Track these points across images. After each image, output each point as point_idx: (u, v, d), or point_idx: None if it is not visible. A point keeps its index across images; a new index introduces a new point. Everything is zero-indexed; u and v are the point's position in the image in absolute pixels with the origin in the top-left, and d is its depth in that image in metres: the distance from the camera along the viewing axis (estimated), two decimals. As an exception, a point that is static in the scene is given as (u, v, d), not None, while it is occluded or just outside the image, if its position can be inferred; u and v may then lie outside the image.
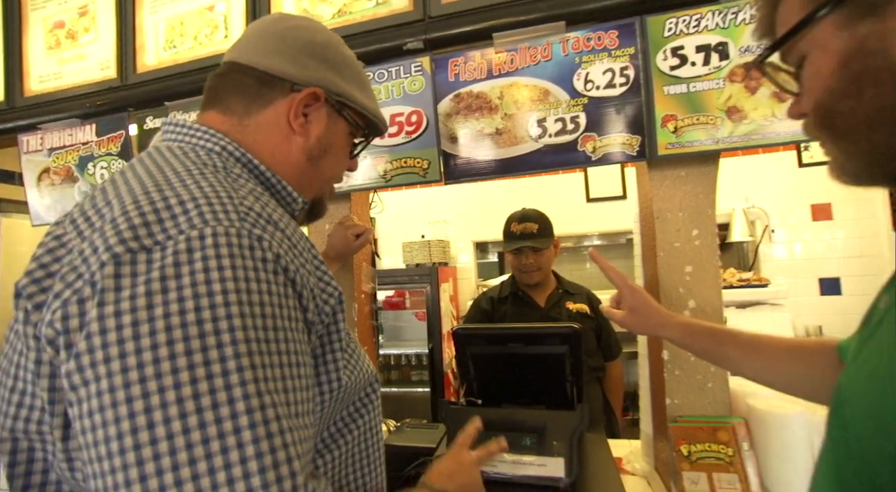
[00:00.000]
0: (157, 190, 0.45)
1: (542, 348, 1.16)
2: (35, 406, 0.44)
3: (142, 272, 0.40)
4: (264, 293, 0.42)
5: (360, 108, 0.65)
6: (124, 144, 1.49)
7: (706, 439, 1.05)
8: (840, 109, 0.41)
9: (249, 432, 0.38)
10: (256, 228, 0.45)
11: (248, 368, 0.39)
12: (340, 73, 0.63)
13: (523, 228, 1.77)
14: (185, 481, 0.36)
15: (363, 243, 1.18)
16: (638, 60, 1.05)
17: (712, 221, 1.13)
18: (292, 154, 0.60)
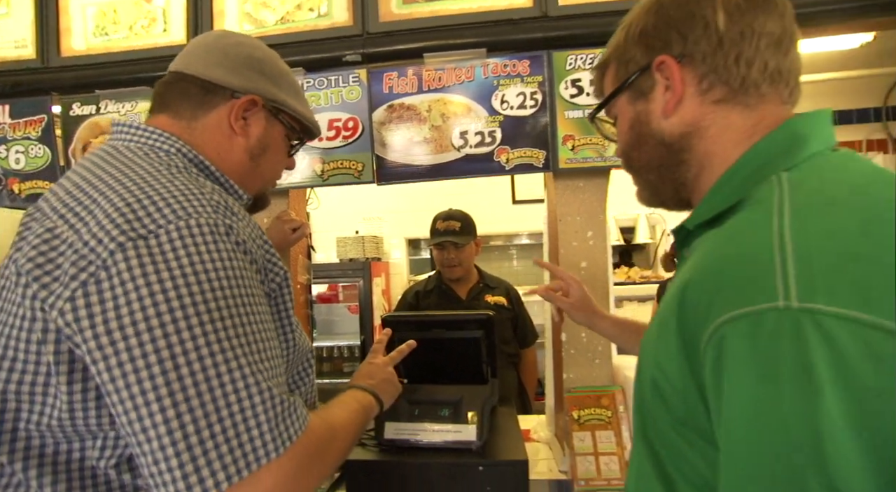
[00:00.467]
0: (139, 188, 0.54)
1: (461, 333, 1.32)
2: (28, 370, 0.52)
3: (145, 255, 0.49)
4: (238, 269, 0.53)
5: (295, 113, 0.75)
6: (45, 128, 1.45)
7: (592, 404, 1.27)
8: (631, 156, 0.58)
9: (245, 359, 0.50)
10: (227, 218, 0.55)
11: (240, 325, 0.51)
12: (276, 83, 0.73)
13: (447, 225, 1.94)
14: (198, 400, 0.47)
15: (299, 237, 1.27)
16: (545, 87, 1.24)
17: (604, 224, 1.35)
18: (235, 153, 0.70)
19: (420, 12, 1.26)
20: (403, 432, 1.19)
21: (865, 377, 0.32)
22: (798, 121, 0.48)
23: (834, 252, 0.36)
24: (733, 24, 0.48)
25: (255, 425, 0.49)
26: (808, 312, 0.33)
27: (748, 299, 0.36)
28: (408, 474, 1.12)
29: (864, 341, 0.32)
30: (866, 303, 0.33)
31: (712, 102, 0.50)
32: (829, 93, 2.86)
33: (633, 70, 0.54)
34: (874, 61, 2.55)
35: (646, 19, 0.53)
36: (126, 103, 1.39)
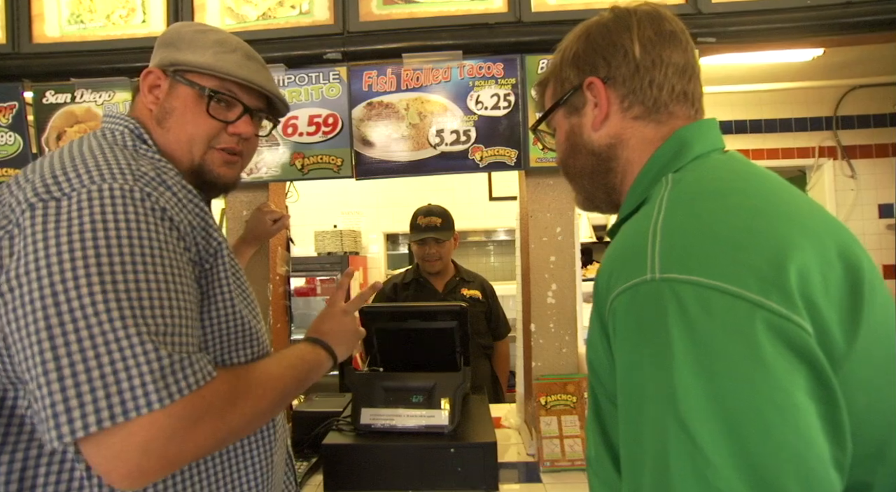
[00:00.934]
0: (70, 159, 0.59)
1: (436, 324, 1.37)
2: None
3: (51, 215, 0.53)
4: (146, 231, 0.55)
5: (199, 67, 0.71)
6: (17, 115, 1.43)
7: (558, 391, 1.34)
8: (567, 163, 0.65)
9: (129, 312, 0.51)
10: (148, 187, 0.58)
11: (133, 281, 0.52)
12: (178, 47, 0.73)
13: (428, 221, 1.99)
14: (68, 337, 0.49)
15: (279, 228, 1.31)
16: (518, 89, 1.31)
17: (572, 220, 1.43)
18: (152, 126, 0.72)
19: (399, 13, 1.30)
20: (379, 417, 1.24)
21: (704, 329, 0.40)
22: (685, 130, 0.57)
23: (688, 234, 0.45)
24: (646, 54, 0.57)
25: (128, 378, 0.49)
26: (666, 281, 0.42)
27: (630, 275, 0.45)
28: (383, 457, 1.17)
29: (703, 299, 0.40)
30: (707, 271, 0.41)
31: (632, 118, 0.59)
32: (785, 101, 3.03)
33: (567, 88, 0.62)
34: (825, 74, 2.72)
35: (577, 45, 0.61)
36: (103, 93, 1.39)
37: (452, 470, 1.16)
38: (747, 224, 0.44)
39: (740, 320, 0.39)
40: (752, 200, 0.47)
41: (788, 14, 1.30)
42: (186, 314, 0.57)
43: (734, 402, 0.38)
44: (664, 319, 0.41)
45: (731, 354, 0.39)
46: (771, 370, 0.38)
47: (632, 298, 0.44)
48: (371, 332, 1.41)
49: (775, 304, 0.39)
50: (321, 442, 1.20)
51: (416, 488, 1.16)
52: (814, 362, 0.39)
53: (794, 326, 0.39)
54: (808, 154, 3.06)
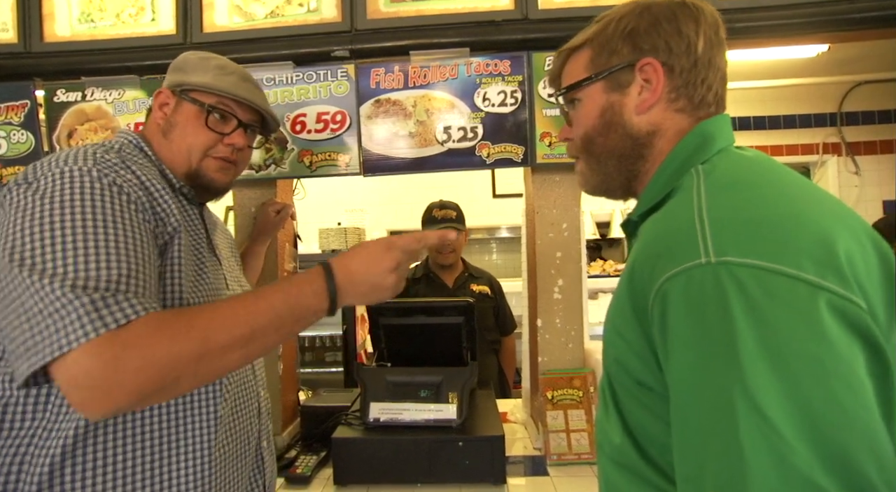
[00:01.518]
0: (58, 156, 0.67)
1: (443, 319, 1.39)
2: None
3: (22, 191, 0.63)
4: (97, 198, 0.62)
5: (201, 87, 0.82)
6: (28, 114, 1.44)
7: (565, 385, 1.36)
8: (595, 141, 0.62)
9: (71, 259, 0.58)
10: (106, 169, 0.66)
11: (80, 234, 0.59)
12: (185, 71, 0.84)
13: (444, 213, 2.04)
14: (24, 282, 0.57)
15: (283, 218, 1.31)
16: (525, 86, 1.31)
17: (578, 216, 1.44)
18: (157, 136, 0.83)
19: (407, 11, 1.31)
20: (387, 411, 1.25)
21: (767, 310, 0.40)
22: (707, 124, 0.58)
23: (738, 219, 0.45)
24: (706, 52, 0.57)
25: (61, 319, 0.55)
26: (723, 264, 0.42)
27: (680, 260, 0.45)
28: (392, 450, 1.18)
29: (763, 282, 0.41)
30: (763, 254, 0.42)
31: (675, 110, 0.58)
32: (789, 98, 3.03)
33: (615, 62, 0.59)
34: (829, 70, 2.72)
35: (637, 20, 0.58)
36: (113, 91, 1.40)
37: (461, 463, 1.18)
38: (791, 211, 0.45)
39: (802, 301, 0.40)
40: (788, 188, 0.49)
41: (794, 10, 1.30)
42: (136, 260, 0.62)
43: (805, 381, 0.39)
44: (725, 301, 0.41)
45: (797, 335, 0.39)
46: (837, 349, 0.39)
47: (687, 281, 0.44)
48: (379, 327, 1.42)
49: (833, 284, 0.41)
50: (330, 436, 1.21)
51: (425, 480, 1.18)
52: (872, 340, 0.40)
53: (852, 306, 0.40)
54: (812, 151, 3.06)
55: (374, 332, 1.44)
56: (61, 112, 1.42)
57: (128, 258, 0.61)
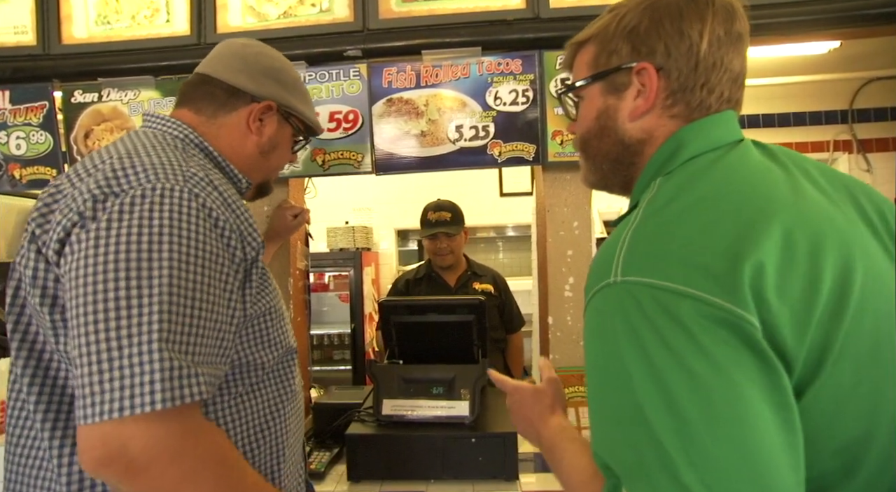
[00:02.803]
0: (129, 157, 0.64)
1: (454, 317, 1.40)
2: (30, 302, 0.63)
3: (108, 208, 0.58)
4: (192, 232, 0.59)
5: (303, 117, 0.87)
6: (47, 115, 1.46)
7: (576, 383, 1.36)
8: (590, 143, 0.62)
9: (158, 315, 0.55)
10: (196, 188, 0.62)
11: (168, 276, 0.56)
12: (289, 91, 0.84)
13: (438, 216, 2.02)
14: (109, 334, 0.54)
15: (300, 222, 1.33)
16: (536, 85, 1.32)
17: (589, 215, 1.44)
18: (247, 148, 0.80)
19: (419, 10, 1.32)
20: (400, 408, 1.26)
21: (659, 325, 0.43)
22: (684, 131, 0.55)
23: (650, 241, 0.47)
24: (711, 54, 0.53)
25: (131, 376, 0.52)
26: (623, 283, 0.46)
27: (599, 279, 0.48)
28: (405, 446, 1.19)
29: (656, 298, 0.43)
30: (661, 274, 0.44)
31: (669, 116, 0.55)
32: (799, 95, 3.00)
33: (614, 63, 0.56)
34: (841, 66, 2.70)
35: (639, 19, 0.55)
36: (129, 92, 1.42)
37: (473, 460, 1.19)
38: (705, 225, 0.46)
39: (688, 317, 0.42)
40: (722, 201, 0.47)
41: (807, 7, 1.30)
42: (214, 324, 0.59)
43: (679, 391, 0.41)
44: (622, 316, 0.45)
45: (681, 349, 0.42)
46: (713, 360, 0.41)
47: (597, 298, 0.48)
48: (390, 325, 1.43)
49: (720, 299, 0.42)
50: (343, 432, 1.22)
51: (438, 477, 1.19)
52: (759, 351, 0.41)
53: (738, 320, 0.41)
54: (823, 148, 3.03)
55: (386, 330, 1.45)
56: (78, 113, 1.44)
57: (211, 315, 0.59)
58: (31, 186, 1.47)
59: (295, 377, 0.78)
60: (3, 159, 1.47)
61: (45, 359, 0.63)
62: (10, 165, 1.47)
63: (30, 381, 0.62)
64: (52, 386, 0.62)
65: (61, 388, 0.62)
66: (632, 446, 0.43)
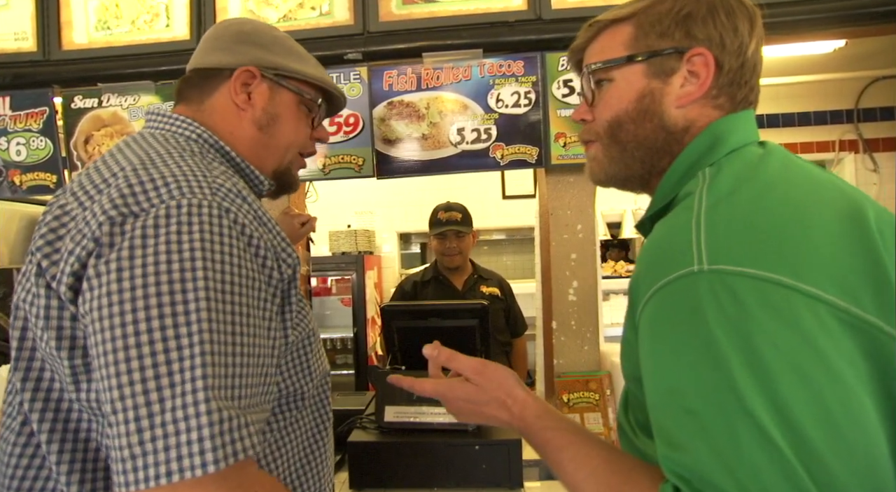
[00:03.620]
0: (144, 168, 0.55)
1: (457, 322, 1.38)
2: (39, 346, 0.55)
3: (128, 232, 0.50)
4: (226, 254, 0.52)
5: (297, 74, 0.72)
6: (47, 121, 1.46)
7: (581, 388, 1.34)
8: (623, 128, 0.57)
9: (200, 358, 0.48)
10: (225, 201, 0.54)
11: (206, 310, 0.49)
12: (269, 49, 0.71)
13: (449, 215, 2.03)
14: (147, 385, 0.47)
15: (308, 230, 1.31)
16: (539, 87, 1.30)
17: (592, 218, 1.42)
18: (245, 128, 0.69)
19: (419, 13, 1.31)
20: (403, 415, 1.25)
21: (761, 320, 0.39)
22: (719, 124, 0.54)
23: (735, 227, 0.44)
24: (753, 55, 0.55)
25: (187, 435, 0.46)
26: (716, 273, 0.42)
27: (674, 267, 0.44)
28: (408, 454, 1.18)
29: (758, 290, 0.40)
30: (758, 262, 0.41)
31: (713, 107, 0.55)
32: (805, 94, 2.98)
33: (665, 46, 0.54)
34: (846, 66, 2.67)
35: (696, 6, 0.54)
36: (129, 97, 1.41)
37: (477, 467, 1.17)
38: (793, 217, 0.44)
39: (798, 313, 0.39)
40: (793, 192, 0.46)
41: (812, 6, 1.28)
42: (256, 360, 0.53)
43: (788, 390, 0.38)
44: (718, 309, 0.41)
45: (788, 347, 0.39)
46: (828, 360, 0.38)
47: (675, 289, 0.43)
48: (392, 331, 1.42)
49: (831, 296, 0.40)
50: (345, 439, 1.21)
51: (441, 484, 1.17)
52: (873, 350, 0.39)
53: (852, 318, 0.40)
54: (829, 148, 3.00)
55: (388, 335, 1.43)
56: (78, 118, 1.44)
57: (254, 351, 0.52)
58: (31, 192, 1.47)
59: (330, 403, 0.73)
60: (4, 165, 1.46)
61: (64, 409, 0.55)
62: (10, 171, 1.46)
63: (48, 437, 0.54)
64: (74, 440, 0.55)
65: (84, 441, 0.55)
66: (743, 463, 0.38)
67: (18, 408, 0.57)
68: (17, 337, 0.57)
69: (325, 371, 0.71)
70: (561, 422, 0.56)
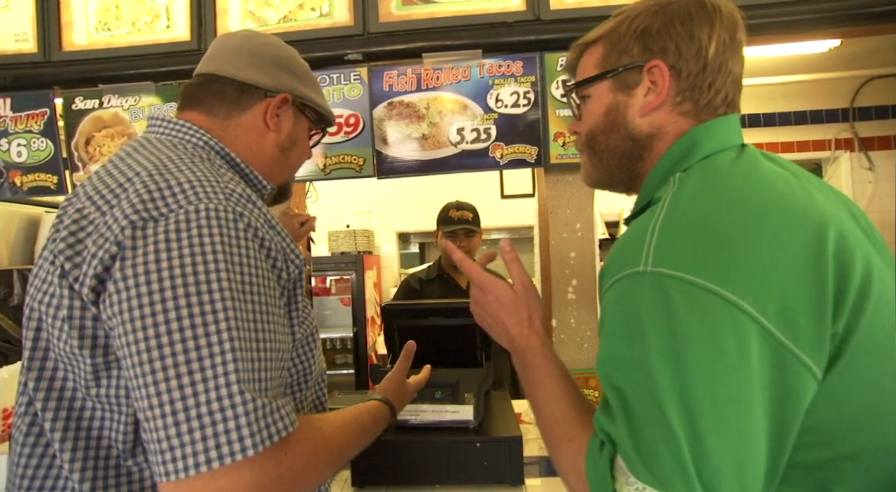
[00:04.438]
0: (160, 174, 0.58)
1: (457, 320, 1.39)
2: (56, 345, 0.57)
3: (151, 235, 0.52)
4: (244, 256, 0.55)
5: (318, 107, 0.80)
6: (48, 122, 1.46)
7: (581, 386, 1.34)
8: (598, 139, 0.63)
9: (231, 354, 0.50)
10: (238, 205, 0.57)
11: (231, 309, 0.51)
12: (302, 80, 0.78)
13: (460, 214, 2.04)
14: (181, 380, 0.49)
15: (307, 230, 1.32)
16: (538, 87, 1.32)
17: (591, 216, 1.44)
18: (266, 148, 0.74)
19: (419, 14, 1.32)
20: (404, 412, 1.25)
21: (683, 319, 0.44)
22: (697, 130, 0.57)
23: (683, 232, 0.48)
24: (717, 57, 0.57)
25: (224, 423, 0.48)
26: (655, 274, 0.46)
27: (627, 266, 0.49)
28: (409, 452, 1.18)
29: (686, 293, 0.45)
30: (693, 269, 0.45)
31: (679, 113, 0.58)
32: (800, 94, 3.00)
33: (625, 62, 0.59)
34: (842, 65, 2.69)
35: (651, 20, 0.58)
36: (130, 98, 1.42)
37: (478, 465, 1.18)
38: (741, 233, 0.46)
39: (716, 317, 0.43)
40: (750, 207, 0.48)
41: (808, 5, 1.29)
42: (271, 345, 0.56)
43: (695, 387, 0.43)
44: (648, 307, 0.46)
45: (699, 345, 0.43)
46: (730, 364, 0.43)
47: (623, 285, 0.49)
48: (393, 330, 1.43)
49: (749, 306, 0.43)
50: (348, 438, 1.22)
51: (443, 482, 1.18)
52: (779, 362, 0.43)
53: (762, 330, 0.43)
54: (824, 147, 3.02)
55: (388, 334, 1.44)
56: (79, 119, 1.44)
57: (271, 343, 0.55)
58: (32, 193, 1.47)
59: (327, 401, 0.74)
60: (5, 167, 1.47)
61: (77, 408, 0.57)
62: (11, 173, 1.47)
63: (62, 436, 0.56)
64: (87, 439, 0.57)
65: (97, 440, 0.57)
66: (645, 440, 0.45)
67: (27, 408, 0.59)
68: (31, 337, 0.58)
69: (322, 369, 0.73)
70: (554, 358, 0.64)
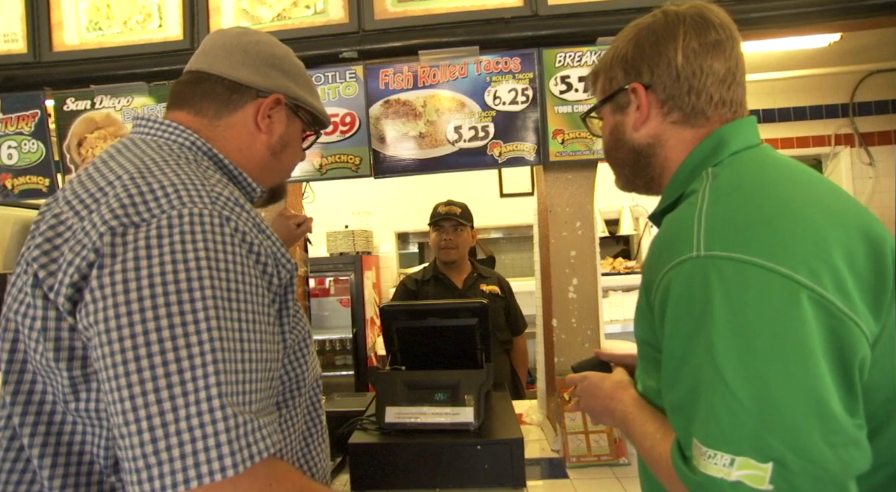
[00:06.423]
0: (142, 177, 0.55)
1: (456, 321, 1.37)
2: (32, 357, 0.54)
3: (131, 242, 0.50)
4: (230, 262, 0.52)
5: (312, 108, 0.77)
6: (39, 123, 1.44)
7: (582, 386, 1.34)
8: (611, 154, 0.74)
9: (213, 366, 0.48)
10: (225, 209, 0.55)
11: (215, 318, 0.49)
12: (295, 81, 0.75)
13: (448, 209, 2.04)
14: (160, 394, 0.47)
15: (304, 231, 1.30)
16: (536, 84, 1.30)
17: (591, 215, 1.42)
18: (257, 149, 0.71)
19: (414, 10, 1.30)
20: (404, 415, 1.24)
21: (741, 296, 0.48)
22: (723, 129, 0.63)
23: (729, 219, 0.53)
24: (688, 64, 0.62)
25: (203, 439, 0.47)
26: (709, 257, 0.51)
27: (678, 253, 0.53)
28: (409, 454, 1.17)
29: (740, 270, 0.49)
30: (744, 249, 0.50)
31: (671, 123, 0.65)
32: (799, 89, 2.98)
33: (614, 87, 0.68)
34: (842, 60, 2.68)
35: (626, 48, 0.66)
36: (122, 99, 1.40)
37: (479, 467, 1.16)
38: (782, 211, 0.52)
39: (773, 290, 0.48)
40: (786, 191, 0.54)
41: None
42: (258, 355, 0.54)
43: (762, 355, 0.47)
44: (708, 288, 0.50)
45: (763, 318, 0.48)
46: (795, 330, 0.47)
47: (679, 271, 0.53)
48: (392, 331, 1.41)
49: (804, 277, 0.48)
50: (346, 441, 1.20)
51: (444, 485, 1.16)
52: (835, 331, 0.47)
53: (819, 297, 0.47)
54: (824, 142, 3.01)
55: (387, 335, 1.42)
56: (71, 121, 1.42)
57: (251, 342, 0.52)
58: (23, 196, 1.45)
59: (322, 408, 0.73)
60: (-4, 169, 1.45)
61: (57, 422, 0.55)
62: (2, 175, 1.45)
63: (41, 451, 0.54)
64: (68, 454, 0.55)
65: (77, 454, 0.55)
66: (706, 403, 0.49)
67: (6, 422, 0.56)
68: (7, 349, 0.56)
69: (318, 374, 0.71)
70: (643, 406, 0.69)
